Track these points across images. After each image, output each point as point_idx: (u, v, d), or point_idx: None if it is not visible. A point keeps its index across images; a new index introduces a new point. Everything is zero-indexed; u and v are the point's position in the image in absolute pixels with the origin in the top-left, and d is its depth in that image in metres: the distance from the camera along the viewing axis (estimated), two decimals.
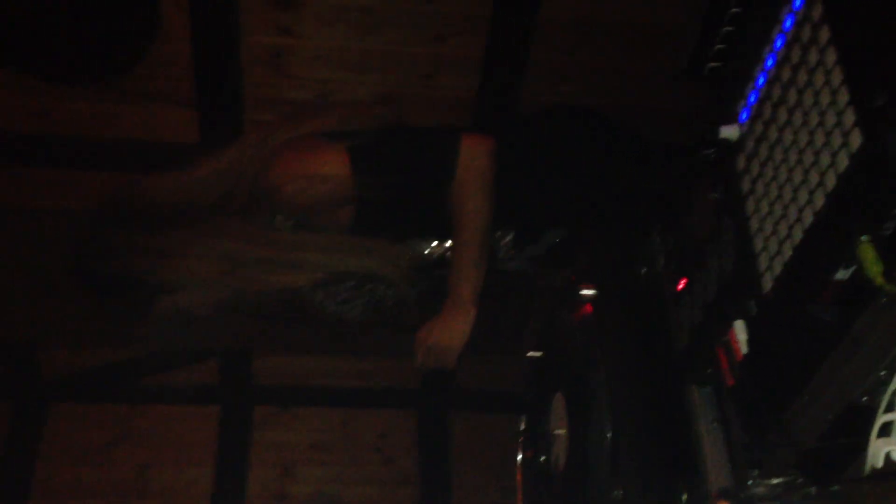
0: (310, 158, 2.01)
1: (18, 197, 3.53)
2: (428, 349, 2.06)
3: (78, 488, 4.28)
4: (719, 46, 1.55)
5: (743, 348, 1.42)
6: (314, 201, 1.99)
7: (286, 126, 2.10)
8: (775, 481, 1.42)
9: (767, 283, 1.35)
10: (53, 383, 4.37)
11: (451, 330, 2.04)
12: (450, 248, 2.09)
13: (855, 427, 1.27)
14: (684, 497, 1.58)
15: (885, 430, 1.20)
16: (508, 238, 2.14)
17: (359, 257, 2.03)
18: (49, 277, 3.76)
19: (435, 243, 2.11)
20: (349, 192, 2.00)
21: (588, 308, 1.87)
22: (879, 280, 1.12)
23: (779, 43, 1.40)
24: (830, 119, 1.23)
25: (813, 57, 1.30)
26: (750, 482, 1.44)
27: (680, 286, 1.71)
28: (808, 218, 1.26)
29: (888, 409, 1.21)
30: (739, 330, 1.43)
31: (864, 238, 1.14)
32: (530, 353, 2.19)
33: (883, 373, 1.21)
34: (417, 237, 2.12)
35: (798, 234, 1.28)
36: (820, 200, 1.24)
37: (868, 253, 1.13)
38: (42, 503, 4.24)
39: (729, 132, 1.50)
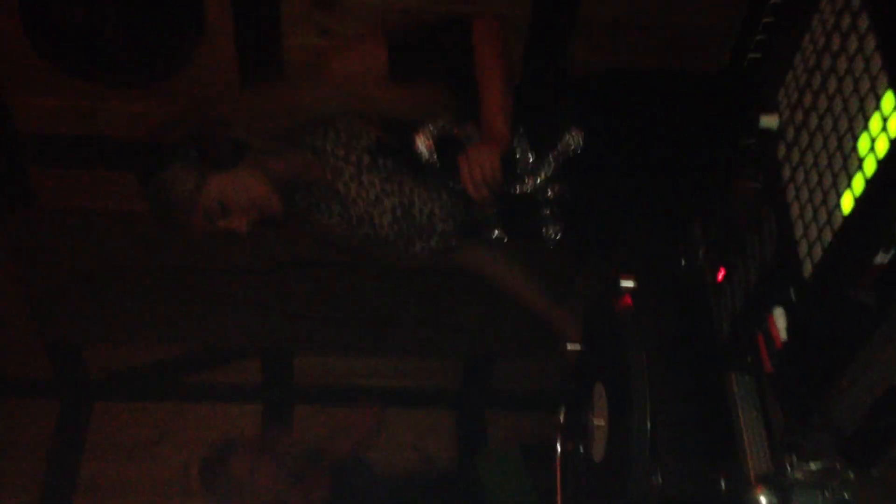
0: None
1: (65, 198, 3.58)
2: (471, 164, 2.06)
3: (122, 485, 4.32)
4: (759, 37, 1.57)
5: (783, 335, 1.43)
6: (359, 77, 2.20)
7: None
8: (814, 467, 1.42)
9: (807, 270, 1.36)
10: (99, 382, 4.42)
11: (489, 147, 2.07)
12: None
13: (895, 411, 1.28)
14: (723, 484, 1.59)
15: None
16: (526, 147, 2.22)
17: (405, 100, 2.19)
18: (95, 278, 3.82)
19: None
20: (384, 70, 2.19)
21: (628, 300, 1.89)
22: None
23: (818, 31, 1.41)
24: (870, 105, 1.25)
25: (852, 44, 1.31)
26: (789, 468, 1.45)
27: (720, 276, 1.72)
28: (848, 203, 1.27)
29: None
30: (779, 317, 1.44)
31: None
32: (570, 347, 2.20)
33: None
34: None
35: (838, 220, 1.29)
36: (859, 186, 1.25)
37: None
38: (87, 500, 4.29)
39: (768, 121, 1.51)
